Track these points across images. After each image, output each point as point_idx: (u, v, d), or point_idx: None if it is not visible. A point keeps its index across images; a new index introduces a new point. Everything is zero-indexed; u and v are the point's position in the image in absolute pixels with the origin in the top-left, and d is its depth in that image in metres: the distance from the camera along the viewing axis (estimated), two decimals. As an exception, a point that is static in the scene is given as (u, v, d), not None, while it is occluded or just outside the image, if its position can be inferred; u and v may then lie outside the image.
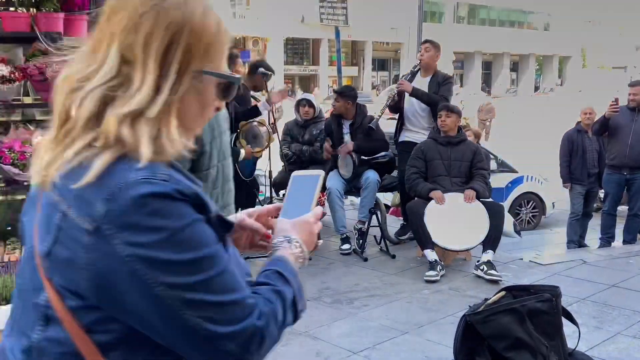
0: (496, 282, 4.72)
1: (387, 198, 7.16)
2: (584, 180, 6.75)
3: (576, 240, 6.91)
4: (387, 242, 5.67)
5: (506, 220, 5.92)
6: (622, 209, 6.95)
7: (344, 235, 5.60)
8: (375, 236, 5.77)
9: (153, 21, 0.93)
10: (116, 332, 0.91)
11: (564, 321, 2.97)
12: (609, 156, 6.44)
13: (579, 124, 6.91)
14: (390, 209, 7.30)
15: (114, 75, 0.92)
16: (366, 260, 5.38)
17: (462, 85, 40.33)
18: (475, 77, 48.86)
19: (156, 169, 0.89)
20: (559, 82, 56.06)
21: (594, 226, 7.26)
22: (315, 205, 1.21)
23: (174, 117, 0.93)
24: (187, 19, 0.95)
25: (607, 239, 6.62)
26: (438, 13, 46.77)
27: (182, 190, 0.89)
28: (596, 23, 62.15)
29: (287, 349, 3.48)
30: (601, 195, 7.62)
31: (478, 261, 4.99)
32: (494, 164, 8.41)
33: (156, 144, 0.91)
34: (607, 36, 60.63)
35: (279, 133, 6.02)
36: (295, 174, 1.28)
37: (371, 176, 5.60)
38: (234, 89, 1.05)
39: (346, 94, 5.85)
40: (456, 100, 14.52)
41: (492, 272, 4.81)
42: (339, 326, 3.94)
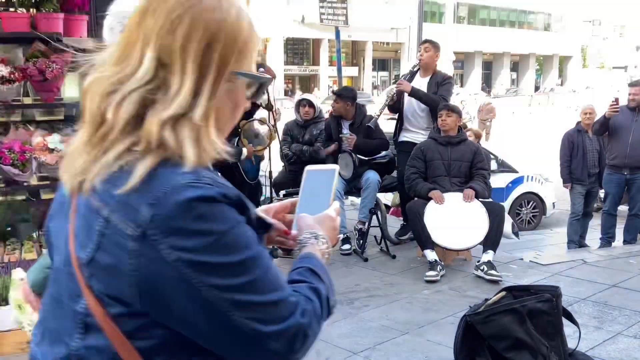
0: (496, 282, 4.72)
1: (387, 198, 7.16)
2: (585, 180, 6.75)
3: (576, 240, 6.91)
4: (388, 242, 5.67)
5: (505, 221, 5.91)
6: (623, 209, 6.95)
7: (345, 236, 5.59)
8: (375, 236, 5.77)
9: (190, 23, 0.92)
10: (158, 337, 0.90)
11: (565, 321, 2.98)
12: (609, 156, 6.44)
13: (579, 123, 6.91)
14: (391, 209, 7.31)
15: (150, 78, 0.90)
16: (366, 260, 5.38)
17: (462, 85, 40.35)
18: (475, 77, 48.88)
19: (200, 172, 0.89)
20: (559, 82, 56.05)
21: (594, 226, 7.26)
22: (333, 199, 1.20)
23: (212, 120, 0.93)
24: (223, 20, 0.94)
25: (607, 239, 6.62)
26: (438, 13, 46.79)
27: (226, 193, 0.89)
28: (596, 23, 62.13)
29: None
30: (601, 195, 7.62)
31: (478, 261, 4.99)
32: (494, 164, 8.40)
33: (198, 147, 0.90)
34: (607, 36, 60.62)
35: (279, 134, 6.02)
36: (309, 169, 1.26)
37: (371, 176, 5.60)
38: (264, 90, 1.05)
39: (345, 95, 5.84)
40: (456, 100, 14.55)
41: (492, 272, 4.81)
42: (339, 326, 3.94)
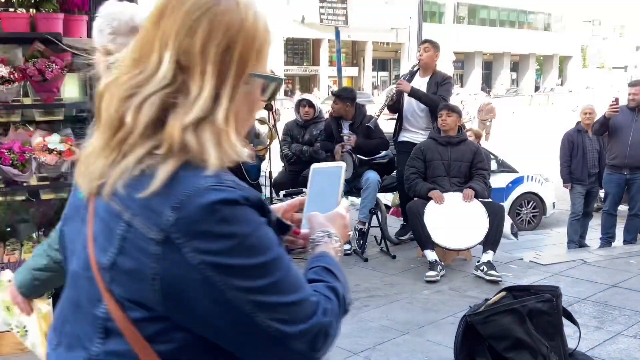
0: (496, 282, 4.72)
1: (387, 198, 7.16)
2: (585, 180, 6.75)
3: (576, 240, 6.91)
4: (388, 242, 5.67)
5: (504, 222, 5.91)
6: (623, 208, 6.95)
7: (347, 235, 5.58)
8: (375, 236, 5.77)
9: (209, 25, 0.91)
10: (179, 341, 0.90)
11: (565, 321, 2.97)
12: (609, 156, 6.44)
13: (579, 123, 6.90)
14: (391, 210, 7.31)
15: (169, 82, 0.90)
16: (366, 260, 5.38)
17: (462, 85, 40.35)
18: (475, 77, 48.88)
19: (222, 175, 0.89)
20: (559, 82, 56.05)
21: (594, 226, 7.26)
22: (342, 196, 1.20)
23: (232, 122, 0.92)
24: (241, 22, 0.93)
25: (607, 239, 6.61)
26: (438, 13, 46.79)
27: (248, 196, 0.89)
28: (596, 23, 62.13)
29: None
30: (601, 195, 7.61)
31: (478, 261, 4.99)
32: (494, 164, 8.41)
33: (220, 150, 0.90)
34: (607, 36, 60.62)
35: (279, 134, 6.02)
36: (316, 167, 1.26)
37: (372, 177, 5.60)
38: (278, 90, 1.05)
39: (344, 96, 5.83)
40: (456, 100, 14.54)
41: (492, 272, 4.80)
42: (339, 326, 3.93)
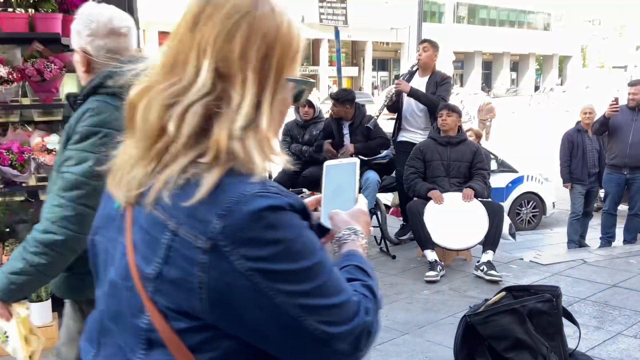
0: (496, 282, 4.72)
1: (387, 198, 7.16)
2: (585, 179, 6.74)
3: (576, 240, 6.90)
4: (387, 242, 5.66)
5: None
6: (623, 208, 6.94)
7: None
8: (375, 237, 5.75)
9: (248, 29, 0.90)
10: (223, 349, 0.90)
11: (565, 321, 2.97)
12: (609, 156, 6.43)
13: (578, 123, 6.89)
14: (390, 209, 7.30)
15: (209, 90, 0.89)
16: (366, 260, 5.37)
17: (462, 85, 40.34)
18: (475, 77, 48.88)
19: (266, 182, 0.89)
20: (559, 81, 56.04)
21: (594, 226, 7.25)
22: (358, 192, 1.21)
23: (272, 128, 0.93)
24: (277, 27, 0.93)
25: (607, 238, 6.61)
26: (438, 13, 46.77)
27: (292, 202, 0.89)
28: (596, 23, 62.16)
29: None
30: (601, 195, 7.61)
31: (478, 261, 4.99)
32: (494, 164, 8.40)
33: (264, 156, 0.90)
34: (607, 36, 60.65)
35: (279, 134, 6.00)
36: (329, 164, 1.26)
37: (371, 177, 5.59)
38: (308, 93, 1.05)
39: (343, 99, 5.79)
40: (456, 100, 14.53)
41: (492, 272, 4.80)
42: (339, 327, 3.93)
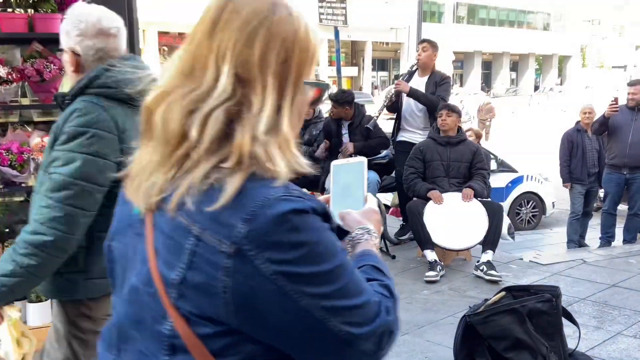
0: (496, 282, 4.72)
1: (386, 198, 7.15)
2: (584, 179, 6.74)
3: (576, 239, 6.90)
4: (387, 242, 5.66)
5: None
6: (622, 208, 6.94)
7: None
8: (375, 236, 5.75)
9: (267, 35, 0.91)
10: (246, 353, 0.90)
11: (564, 321, 2.97)
12: (608, 155, 6.43)
13: (578, 123, 6.89)
14: (390, 209, 7.30)
15: (229, 95, 0.89)
16: (366, 260, 5.37)
17: (462, 85, 40.34)
18: (475, 77, 48.87)
19: (289, 185, 0.89)
20: (558, 81, 56.05)
21: (594, 226, 7.25)
22: (367, 192, 1.21)
23: (292, 132, 0.93)
24: (295, 31, 0.93)
25: (607, 238, 6.61)
26: (438, 13, 46.76)
27: (315, 206, 0.90)
28: (595, 22, 62.16)
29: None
30: (601, 195, 7.61)
31: (478, 261, 4.98)
32: (494, 164, 8.40)
33: (286, 160, 0.91)
34: (606, 36, 60.66)
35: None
36: (336, 164, 1.26)
37: (371, 176, 5.59)
38: (324, 95, 1.05)
39: (342, 100, 5.80)
40: (456, 100, 14.53)
41: (492, 272, 4.80)
42: (338, 327, 3.93)
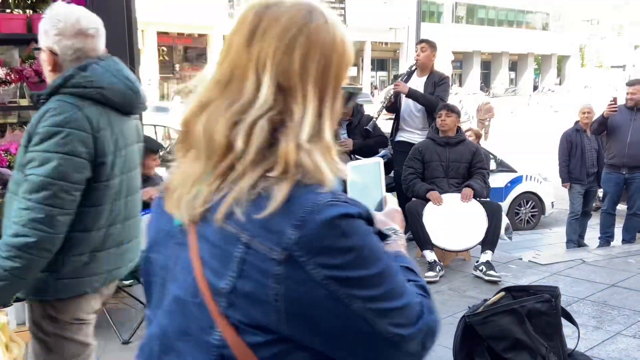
0: (495, 282, 4.71)
1: (386, 198, 7.14)
2: (583, 179, 6.73)
3: (575, 239, 6.90)
4: (386, 242, 5.65)
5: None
6: (622, 208, 6.94)
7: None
8: (374, 237, 5.75)
9: (306, 43, 0.91)
10: None
11: (564, 321, 2.97)
12: (607, 155, 6.43)
13: (577, 123, 6.89)
14: (389, 210, 7.28)
15: (271, 105, 0.90)
16: (365, 261, 5.36)
17: (461, 85, 40.35)
18: (474, 76, 48.89)
19: (335, 191, 0.90)
20: (557, 81, 56.08)
21: (593, 225, 7.25)
22: (384, 192, 1.22)
23: (332, 138, 0.94)
24: (332, 39, 0.94)
25: (606, 238, 6.60)
26: (437, 13, 46.78)
27: (361, 211, 0.91)
28: (594, 22, 62.19)
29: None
30: (600, 195, 7.60)
31: (477, 261, 4.98)
32: (493, 164, 8.40)
33: (329, 166, 0.92)
34: (605, 35, 60.70)
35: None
36: (352, 165, 1.26)
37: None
38: (355, 99, 1.05)
39: None
40: (455, 100, 14.53)
41: (491, 272, 4.80)
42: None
